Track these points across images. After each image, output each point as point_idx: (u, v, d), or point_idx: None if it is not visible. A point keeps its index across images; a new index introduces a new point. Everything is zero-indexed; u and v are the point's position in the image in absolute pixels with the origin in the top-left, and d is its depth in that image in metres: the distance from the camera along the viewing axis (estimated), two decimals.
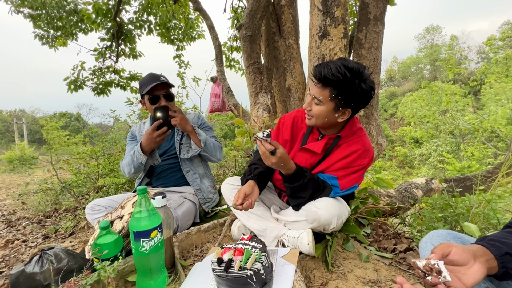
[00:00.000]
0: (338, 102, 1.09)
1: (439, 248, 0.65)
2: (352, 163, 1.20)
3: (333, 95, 1.07)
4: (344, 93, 1.07)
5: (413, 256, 1.39)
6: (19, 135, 25.84)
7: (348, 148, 1.21)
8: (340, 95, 1.07)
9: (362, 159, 1.20)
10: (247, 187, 1.22)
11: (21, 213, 3.32)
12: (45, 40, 4.88)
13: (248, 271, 0.91)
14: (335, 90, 1.07)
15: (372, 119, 2.41)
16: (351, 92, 1.06)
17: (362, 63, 2.37)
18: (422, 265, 0.62)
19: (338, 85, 1.05)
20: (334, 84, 1.06)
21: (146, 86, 1.64)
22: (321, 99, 1.10)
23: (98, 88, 4.93)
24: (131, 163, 1.67)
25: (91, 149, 3.43)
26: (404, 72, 40.92)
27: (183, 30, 5.28)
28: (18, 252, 2.15)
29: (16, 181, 5.96)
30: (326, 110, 1.12)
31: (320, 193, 1.20)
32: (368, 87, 1.07)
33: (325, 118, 1.14)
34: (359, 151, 1.19)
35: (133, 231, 0.99)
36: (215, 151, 1.79)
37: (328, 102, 1.10)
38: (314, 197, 1.21)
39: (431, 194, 2.37)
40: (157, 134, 1.54)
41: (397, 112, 26.22)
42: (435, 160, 13.82)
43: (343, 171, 1.21)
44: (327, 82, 1.06)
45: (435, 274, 0.61)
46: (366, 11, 2.39)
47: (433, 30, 36.64)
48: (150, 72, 1.73)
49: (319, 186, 1.20)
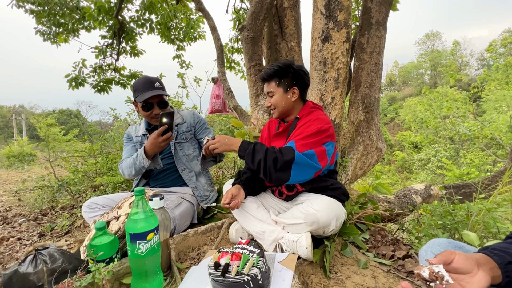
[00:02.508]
0: (284, 85, 1.39)
1: (442, 255, 0.64)
2: (305, 129, 1.33)
3: (277, 82, 1.39)
4: (284, 77, 1.38)
5: (411, 263, 1.37)
6: (18, 131, 25.76)
7: (303, 121, 1.40)
8: (282, 79, 1.39)
9: (314, 125, 1.32)
10: (234, 189, 1.38)
11: (17, 210, 3.29)
12: (46, 36, 4.85)
13: (245, 276, 0.90)
14: (277, 78, 1.39)
15: (372, 123, 2.40)
16: (285, 72, 1.38)
17: (364, 67, 2.38)
18: (427, 275, 0.61)
19: (277, 73, 1.38)
20: (274, 74, 1.39)
21: (140, 93, 1.62)
22: (272, 91, 1.41)
23: (98, 86, 4.91)
24: (132, 166, 1.65)
25: (89, 147, 3.41)
26: (404, 77, 41.06)
27: (184, 30, 5.27)
28: (13, 250, 2.13)
29: (13, 178, 5.92)
30: (279, 95, 1.40)
31: (277, 153, 1.23)
32: (298, 68, 1.40)
33: (282, 102, 1.41)
34: (311, 119, 1.37)
35: (129, 233, 0.97)
36: (223, 156, 1.81)
37: (277, 89, 1.40)
38: (275, 160, 1.21)
39: (430, 201, 2.36)
40: (162, 139, 1.53)
41: (398, 116, 26.26)
42: (434, 166, 13.83)
43: (299, 136, 1.32)
44: (269, 76, 1.40)
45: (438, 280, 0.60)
46: (368, 15, 2.39)
47: (434, 36, 36.83)
48: (145, 76, 1.70)
49: (272, 148, 1.26)
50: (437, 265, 0.62)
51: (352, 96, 2.46)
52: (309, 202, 1.28)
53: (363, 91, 2.39)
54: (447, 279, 0.60)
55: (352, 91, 2.47)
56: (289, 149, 1.23)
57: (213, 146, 1.33)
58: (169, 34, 5.15)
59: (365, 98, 2.38)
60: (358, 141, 2.37)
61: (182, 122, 1.84)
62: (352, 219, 1.65)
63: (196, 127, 1.87)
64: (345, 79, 2.08)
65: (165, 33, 5.10)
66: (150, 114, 1.70)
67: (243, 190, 1.41)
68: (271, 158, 1.21)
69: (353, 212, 1.67)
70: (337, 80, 2.05)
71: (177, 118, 1.83)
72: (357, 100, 2.41)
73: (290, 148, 1.24)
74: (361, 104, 2.38)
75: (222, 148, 1.32)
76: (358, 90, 2.41)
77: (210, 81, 3.37)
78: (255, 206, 1.42)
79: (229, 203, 1.31)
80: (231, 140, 1.33)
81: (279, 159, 1.21)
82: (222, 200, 1.32)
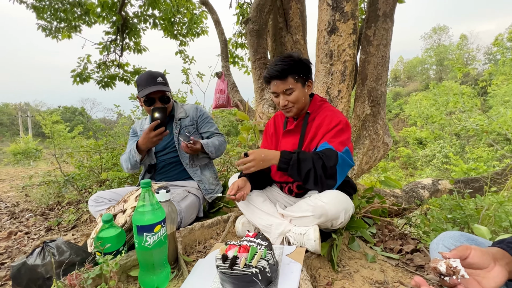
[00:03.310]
0: (301, 79, 1.31)
1: (457, 250, 0.62)
2: (330, 125, 1.29)
3: (296, 77, 1.29)
4: (300, 70, 1.29)
5: (420, 257, 1.36)
6: (24, 128, 26.05)
7: (319, 119, 1.35)
8: (300, 73, 1.30)
9: (336, 119, 1.29)
10: (241, 181, 1.35)
11: (24, 205, 3.33)
12: (48, 31, 4.85)
13: (253, 268, 0.89)
14: (294, 74, 1.28)
15: (379, 118, 2.37)
16: (301, 66, 1.30)
17: (370, 60, 2.34)
18: (444, 270, 0.59)
19: (293, 68, 1.28)
20: (290, 70, 1.28)
21: (142, 88, 1.62)
22: (291, 87, 1.30)
23: (103, 81, 4.92)
24: (127, 160, 1.68)
25: (94, 143, 3.42)
26: (409, 72, 40.56)
27: (187, 25, 5.25)
28: (21, 244, 2.15)
29: (20, 174, 5.99)
30: (299, 91, 1.31)
31: (323, 158, 1.16)
32: (304, 58, 1.32)
33: (302, 97, 1.33)
34: (329, 114, 1.33)
35: (136, 225, 0.97)
36: (220, 151, 1.80)
37: (296, 85, 1.30)
38: (324, 167, 1.16)
39: (438, 195, 2.33)
40: (154, 134, 1.52)
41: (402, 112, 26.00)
42: (439, 162, 13.69)
43: (328, 134, 1.28)
44: (285, 73, 1.28)
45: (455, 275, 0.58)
46: (375, 7, 2.34)
47: (440, 30, 36.23)
48: (149, 71, 1.69)
49: (315, 154, 1.19)
50: (454, 259, 0.60)
51: (358, 90, 2.42)
52: (317, 194, 1.26)
53: (369, 85, 2.35)
54: (463, 273, 0.59)
55: (358, 84, 2.43)
56: (330, 151, 1.18)
57: (249, 165, 1.17)
58: (172, 29, 5.13)
59: (372, 91, 2.34)
60: (364, 136, 2.34)
61: (185, 116, 1.83)
62: (359, 213, 1.64)
63: (199, 121, 1.85)
64: (351, 72, 2.05)
65: (168, 28, 5.08)
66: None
67: (249, 183, 1.38)
68: (319, 165, 1.14)
69: (360, 206, 1.66)
70: (343, 73, 2.02)
71: (180, 113, 1.82)
72: (363, 93, 2.38)
73: (331, 150, 1.19)
74: (368, 97, 2.35)
75: (259, 166, 1.18)
76: (365, 84, 2.37)
77: (214, 75, 3.35)
78: (261, 199, 1.40)
79: (235, 195, 1.28)
80: (268, 154, 1.19)
81: (327, 165, 1.15)
82: (228, 191, 1.30)
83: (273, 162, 1.19)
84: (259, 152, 1.18)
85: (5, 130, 33.85)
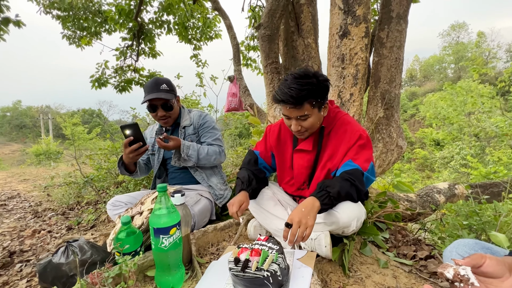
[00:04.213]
0: (318, 103, 1.20)
1: (471, 258, 0.62)
2: (350, 141, 1.24)
3: (313, 103, 1.18)
4: (317, 95, 1.17)
5: (434, 264, 1.34)
6: (45, 130, 27.23)
7: (337, 134, 1.29)
8: (317, 99, 1.18)
9: (355, 133, 1.24)
10: (243, 197, 1.29)
11: (46, 205, 3.50)
12: (72, 39, 5.10)
13: (265, 272, 0.91)
14: (311, 100, 1.17)
15: (392, 120, 2.34)
16: (319, 90, 1.18)
17: (383, 63, 2.32)
18: (451, 276, 0.59)
19: (310, 94, 1.15)
20: (307, 96, 1.15)
21: (145, 95, 1.64)
22: (306, 114, 1.19)
23: (120, 86, 5.10)
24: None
25: (111, 145, 3.55)
26: (426, 71, 39.40)
27: (200, 29, 5.36)
28: (44, 242, 2.26)
29: (42, 174, 6.27)
30: (315, 117, 1.22)
31: (356, 185, 1.14)
32: (322, 77, 1.19)
33: (317, 122, 1.25)
34: (348, 130, 1.27)
35: (153, 227, 1.01)
36: (210, 160, 1.73)
37: (313, 111, 1.20)
38: (359, 193, 1.16)
39: (454, 200, 2.27)
40: (129, 150, 1.49)
41: (418, 112, 25.28)
42: (457, 164, 13.21)
43: (351, 152, 1.23)
44: (301, 100, 1.15)
45: (463, 282, 0.58)
46: (388, 9, 2.31)
47: (459, 27, 34.99)
48: (155, 78, 1.70)
49: (346, 181, 1.14)
50: (464, 267, 0.60)
51: (371, 92, 2.40)
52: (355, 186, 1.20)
53: (382, 87, 2.33)
54: (473, 281, 0.58)
55: (371, 87, 2.41)
56: (357, 172, 1.16)
57: (304, 233, 1.02)
58: (186, 34, 5.25)
59: (385, 94, 2.31)
60: (377, 139, 2.32)
61: (189, 124, 1.82)
62: (371, 218, 1.63)
63: (199, 130, 1.83)
64: (364, 75, 2.04)
65: (182, 33, 5.20)
66: (155, 116, 1.71)
67: (249, 198, 1.34)
68: (354, 191, 1.14)
69: (372, 211, 1.65)
70: (355, 76, 2.01)
71: (185, 120, 1.82)
72: (376, 96, 2.35)
73: (357, 170, 1.17)
74: (381, 100, 2.32)
75: (309, 223, 1.03)
76: (377, 86, 2.35)
77: (227, 79, 3.40)
78: (273, 203, 1.42)
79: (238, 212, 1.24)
80: (306, 206, 1.06)
81: (362, 191, 1.16)
82: (232, 210, 1.23)
83: (316, 211, 1.07)
84: (298, 214, 1.04)
85: (28, 131, 35.51)
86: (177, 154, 1.69)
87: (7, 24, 3.26)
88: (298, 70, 1.20)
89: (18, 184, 5.17)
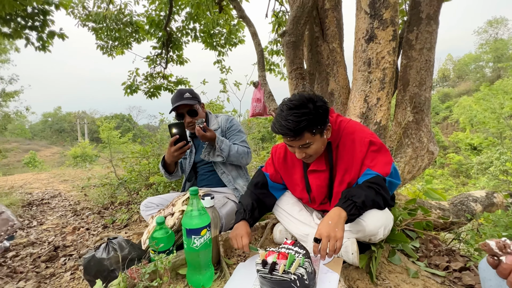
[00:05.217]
0: (319, 129, 1.16)
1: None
2: (362, 150, 1.22)
3: (313, 131, 1.14)
4: (316, 123, 1.13)
5: (470, 276, 1.27)
6: (81, 134, 29.27)
7: (346, 146, 1.26)
8: (318, 125, 1.14)
9: (364, 140, 1.22)
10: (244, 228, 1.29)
11: (84, 204, 3.77)
12: (105, 50, 5.49)
13: (292, 275, 0.93)
14: (311, 128, 1.12)
15: (422, 125, 2.26)
16: (318, 117, 1.13)
17: (413, 65, 2.25)
18: (494, 245, 0.59)
19: (309, 124, 1.11)
20: (306, 126, 1.11)
21: (172, 105, 1.77)
22: (308, 142, 1.16)
23: (150, 92, 5.39)
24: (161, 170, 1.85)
25: (142, 149, 3.76)
26: (460, 71, 37.05)
27: (225, 36, 5.52)
28: (84, 238, 2.45)
29: (79, 175, 6.75)
30: (318, 142, 1.19)
31: (381, 193, 1.12)
32: (320, 100, 1.15)
33: (322, 146, 1.22)
34: (355, 139, 1.24)
35: (185, 228, 1.08)
36: (239, 158, 1.79)
37: (314, 138, 1.17)
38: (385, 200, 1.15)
39: (492, 210, 2.13)
40: (174, 149, 1.59)
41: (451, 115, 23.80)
42: (497, 170, 12.22)
43: (366, 160, 1.21)
44: (300, 131, 1.12)
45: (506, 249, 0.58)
46: (417, 10, 2.25)
47: (497, 23, 32.54)
48: (179, 89, 1.84)
49: (371, 190, 1.12)
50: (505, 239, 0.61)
51: (399, 96, 2.34)
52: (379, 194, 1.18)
53: (411, 90, 2.26)
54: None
55: (399, 90, 2.34)
56: (378, 178, 1.14)
57: (334, 246, 1.00)
58: (211, 41, 5.43)
59: (414, 97, 2.24)
60: (407, 144, 2.25)
61: (217, 128, 1.90)
62: (400, 226, 1.58)
63: (227, 133, 1.90)
64: (391, 79, 2.00)
65: (207, 40, 5.39)
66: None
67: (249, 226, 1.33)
68: (380, 200, 1.13)
69: (401, 218, 1.60)
70: (382, 80, 1.97)
71: (213, 125, 1.91)
72: (404, 100, 2.28)
73: (378, 177, 1.15)
74: (409, 104, 2.25)
75: (338, 235, 1.01)
76: (406, 90, 2.28)
77: (251, 84, 3.47)
78: (298, 209, 1.44)
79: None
80: (333, 218, 1.04)
81: (387, 198, 1.15)
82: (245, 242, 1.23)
83: (343, 222, 1.05)
84: (326, 228, 1.02)
85: (66, 135, 38.36)
86: (208, 148, 1.77)
87: (52, 37, 3.61)
88: (293, 97, 1.16)
89: (59, 184, 5.61)
